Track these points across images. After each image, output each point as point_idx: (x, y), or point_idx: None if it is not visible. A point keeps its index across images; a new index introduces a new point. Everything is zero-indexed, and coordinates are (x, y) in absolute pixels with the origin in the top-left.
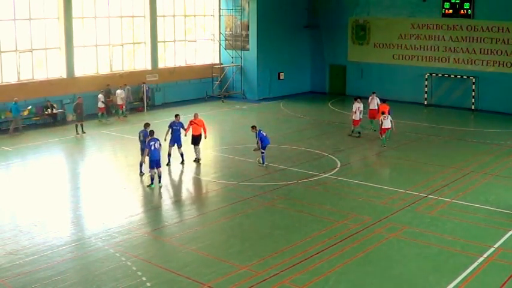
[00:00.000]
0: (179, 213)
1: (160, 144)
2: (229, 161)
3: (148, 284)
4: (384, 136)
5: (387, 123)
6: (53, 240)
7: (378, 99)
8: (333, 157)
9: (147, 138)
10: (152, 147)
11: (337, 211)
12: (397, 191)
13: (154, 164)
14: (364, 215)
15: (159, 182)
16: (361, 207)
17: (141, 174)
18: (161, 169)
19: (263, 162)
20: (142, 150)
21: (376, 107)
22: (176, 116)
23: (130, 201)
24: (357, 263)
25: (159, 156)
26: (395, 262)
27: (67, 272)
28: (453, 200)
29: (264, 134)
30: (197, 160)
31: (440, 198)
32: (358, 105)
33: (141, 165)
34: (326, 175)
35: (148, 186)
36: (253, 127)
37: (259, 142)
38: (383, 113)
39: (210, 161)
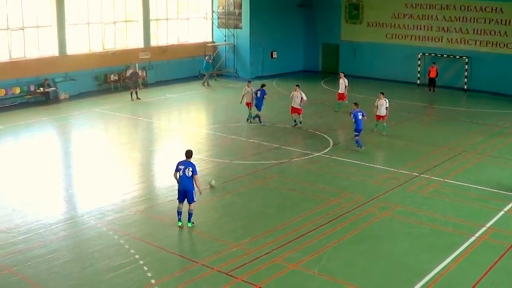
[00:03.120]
0: (171, 192)
1: (194, 172)
2: (221, 139)
3: (141, 262)
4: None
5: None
6: (46, 219)
7: (386, 101)
8: (326, 136)
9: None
10: (181, 173)
11: (330, 190)
12: (390, 170)
13: (182, 196)
14: (357, 193)
15: (189, 220)
16: (353, 186)
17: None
18: (194, 205)
19: (359, 145)
20: (256, 106)
21: (383, 113)
22: (263, 85)
23: (123, 180)
24: (349, 241)
25: (192, 187)
26: (387, 241)
27: (60, 250)
28: (445, 180)
29: (360, 117)
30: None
31: (432, 177)
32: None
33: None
34: (319, 154)
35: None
36: (356, 104)
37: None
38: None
39: (203, 139)
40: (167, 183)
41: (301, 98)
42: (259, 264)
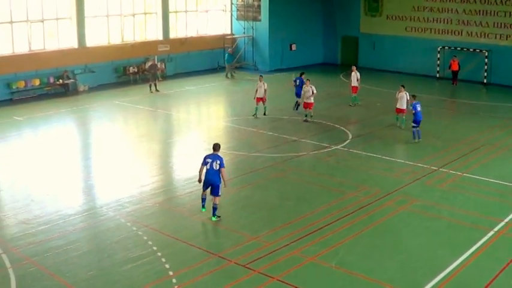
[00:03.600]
0: (190, 184)
1: (221, 165)
2: (240, 132)
3: (159, 254)
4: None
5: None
6: (65, 210)
7: (407, 94)
8: (344, 129)
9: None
10: (208, 166)
11: (348, 183)
12: (408, 163)
13: (206, 187)
14: (375, 187)
15: (214, 214)
16: (371, 180)
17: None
18: (219, 199)
19: (417, 137)
20: (297, 94)
21: (404, 106)
22: (302, 73)
23: (141, 171)
24: (366, 235)
25: (218, 181)
26: (404, 235)
27: (79, 241)
28: (464, 174)
29: (419, 109)
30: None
31: (451, 171)
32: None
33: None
34: (337, 147)
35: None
36: (414, 96)
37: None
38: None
39: (221, 131)
40: (186, 175)
41: (312, 92)
42: (277, 257)
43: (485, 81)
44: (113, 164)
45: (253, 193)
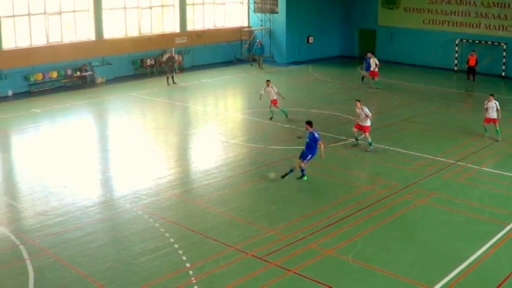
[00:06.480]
0: (207, 176)
1: (318, 138)
2: (257, 125)
3: (176, 246)
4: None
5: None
6: (82, 202)
7: (497, 104)
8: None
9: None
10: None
11: (365, 176)
12: (425, 157)
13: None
14: (392, 180)
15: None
16: (388, 173)
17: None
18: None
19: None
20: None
21: (495, 114)
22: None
23: (158, 164)
24: (384, 228)
25: (313, 152)
26: (422, 228)
27: (96, 233)
28: (481, 167)
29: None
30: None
31: (468, 165)
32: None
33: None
34: (354, 140)
35: (301, 177)
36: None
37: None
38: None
39: (238, 124)
40: (203, 168)
41: (366, 115)
42: (294, 250)
43: (503, 74)
44: (130, 156)
45: (270, 185)
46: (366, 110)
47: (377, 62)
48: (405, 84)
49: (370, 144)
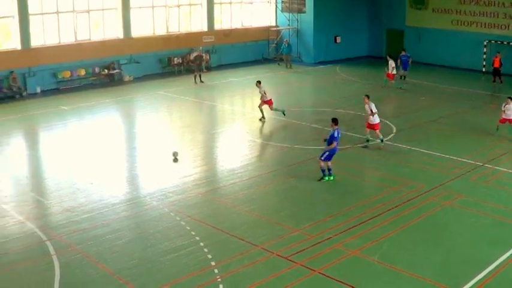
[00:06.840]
0: (233, 175)
1: (335, 138)
2: (283, 124)
3: (201, 244)
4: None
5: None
6: (109, 199)
7: None
8: (389, 122)
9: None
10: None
11: (391, 177)
12: (453, 158)
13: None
14: (418, 182)
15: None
16: (415, 174)
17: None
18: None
19: None
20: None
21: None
22: (404, 49)
23: (185, 162)
24: (410, 229)
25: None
26: (448, 230)
27: (122, 230)
28: (509, 170)
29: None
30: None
31: (496, 167)
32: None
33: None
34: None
35: (321, 179)
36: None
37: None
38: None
39: (266, 123)
40: (229, 166)
41: (371, 110)
42: (319, 250)
43: None
44: (157, 154)
45: (296, 185)
46: (373, 106)
47: (393, 65)
48: (433, 85)
49: (382, 140)
